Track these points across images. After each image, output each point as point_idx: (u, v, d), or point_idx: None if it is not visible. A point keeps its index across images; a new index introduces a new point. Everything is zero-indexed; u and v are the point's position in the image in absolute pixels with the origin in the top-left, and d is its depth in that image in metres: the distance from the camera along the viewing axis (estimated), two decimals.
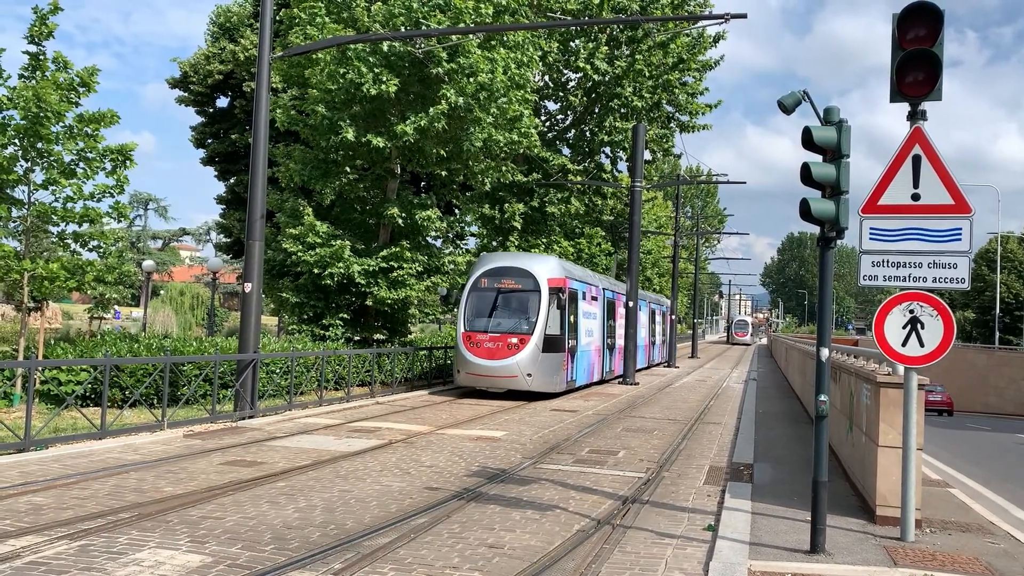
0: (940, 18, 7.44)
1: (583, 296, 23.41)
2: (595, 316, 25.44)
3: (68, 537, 7.05)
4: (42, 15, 16.24)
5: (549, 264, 21.55)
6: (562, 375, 21.32)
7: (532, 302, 20.47)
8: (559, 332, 20.85)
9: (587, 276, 25.54)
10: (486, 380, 20.34)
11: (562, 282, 21.13)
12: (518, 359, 19.91)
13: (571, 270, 23.04)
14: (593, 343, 25.16)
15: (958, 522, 8.83)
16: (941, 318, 7.72)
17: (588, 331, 24.27)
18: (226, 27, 38.74)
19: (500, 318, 20.61)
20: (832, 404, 12.88)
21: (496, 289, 20.90)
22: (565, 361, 21.37)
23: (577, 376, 23.04)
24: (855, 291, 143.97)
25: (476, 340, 20.18)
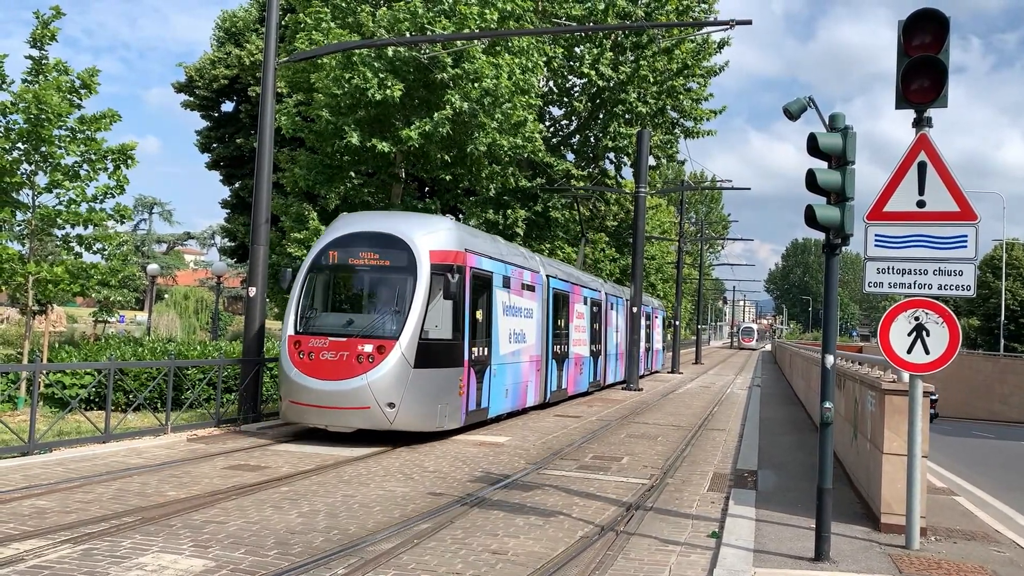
0: (946, 25, 7.44)
1: (505, 283, 16.41)
2: (530, 313, 18.24)
3: (71, 541, 7.05)
4: (44, 20, 16.32)
5: (435, 229, 14.10)
6: (457, 401, 14.08)
7: (403, 287, 13.40)
8: (451, 335, 13.81)
9: (515, 255, 18.10)
10: (321, 414, 12.85)
11: (457, 257, 14.01)
12: (371, 379, 12.54)
13: (478, 242, 15.64)
14: (527, 352, 18.07)
15: (963, 530, 8.79)
16: (946, 325, 7.70)
17: (516, 334, 17.17)
18: (232, 32, 38.87)
19: (351, 313, 13.83)
20: (836, 411, 12.85)
21: (349, 268, 13.95)
22: (465, 380, 14.28)
23: (494, 400, 15.98)
24: (859, 298, 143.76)
25: (309, 348, 12.99)
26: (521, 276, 17.87)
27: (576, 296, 22.96)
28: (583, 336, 23.62)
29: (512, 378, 17.13)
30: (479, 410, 15.30)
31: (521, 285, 17.74)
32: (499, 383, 16.31)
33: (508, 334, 16.77)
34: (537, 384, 19.12)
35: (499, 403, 16.43)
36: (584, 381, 23.81)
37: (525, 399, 18.26)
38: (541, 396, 19.60)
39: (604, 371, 26.86)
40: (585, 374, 23.87)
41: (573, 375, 22.48)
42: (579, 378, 23.25)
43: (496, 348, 15.99)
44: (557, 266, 22.46)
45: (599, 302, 26.08)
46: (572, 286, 22.62)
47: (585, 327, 23.88)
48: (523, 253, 19.57)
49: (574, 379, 22.65)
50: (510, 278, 16.96)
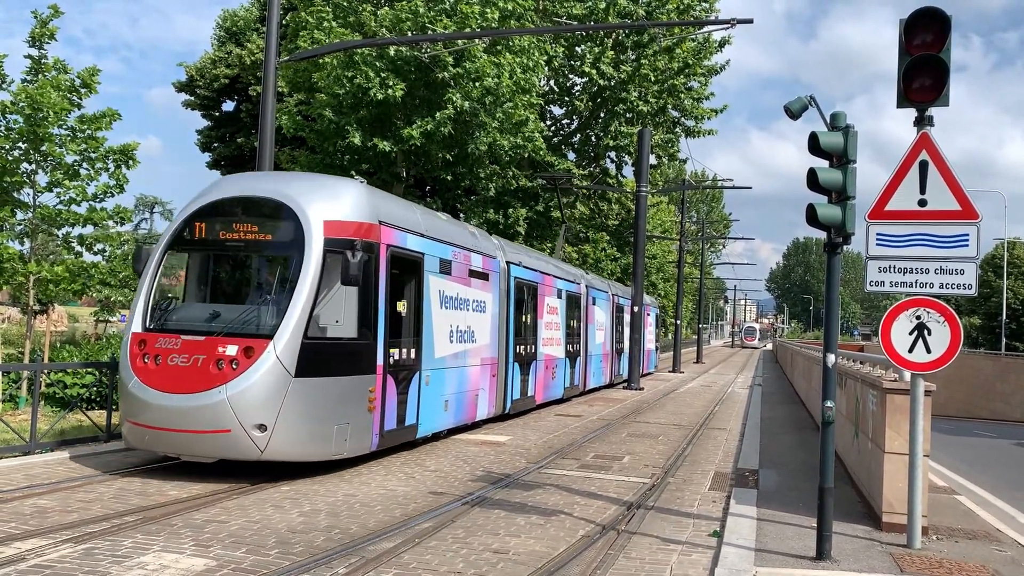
0: (947, 24, 7.43)
1: (443, 268, 13.34)
2: (481, 306, 15.21)
3: (72, 540, 7.05)
4: (43, 19, 16.33)
5: (336, 194, 10.92)
6: (366, 420, 10.84)
7: (286, 269, 10.45)
8: (356, 332, 10.72)
9: (459, 234, 14.70)
10: (167, 439, 9.80)
11: (367, 231, 10.82)
12: (232, 392, 9.50)
13: (401, 214, 12.26)
14: (477, 354, 14.98)
15: (965, 529, 8.78)
16: (948, 324, 7.69)
17: (460, 332, 14.13)
18: (232, 31, 38.86)
19: (217, 304, 10.73)
20: (838, 410, 12.84)
21: (217, 244, 10.76)
22: (378, 391, 11.11)
23: (426, 415, 12.76)
24: (861, 297, 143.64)
25: (156, 351, 9.92)
26: (468, 260, 14.48)
27: (547, 288, 19.83)
28: (556, 335, 20.65)
29: (454, 386, 13.89)
30: (402, 429, 11.99)
31: (468, 272, 14.47)
32: (434, 393, 12.99)
33: (448, 331, 13.57)
34: (492, 392, 15.93)
35: (434, 418, 13.13)
36: (557, 386, 20.86)
37: (475, 411, 15.02)
38: (498, 406, 16.35)
39: (584, 374, 24.06)
40: (559, 378, 21.00)
41: (543, 380, 19.39)
42: (551, 383, 20.20)
43: (429, 349, 12.77)
44: (523, 252, 19.24)
45: (577, 296, 23.17)
46: (542, 276, 19.50)
47: (559, 324, 20.93)
48: (473, 232, 15.83)
49: (544, 384, 19.56)
50: (451, 262, 13.67)
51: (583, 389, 24.09)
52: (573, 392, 22.73)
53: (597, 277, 29.05)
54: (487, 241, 16.60)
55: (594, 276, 28.56)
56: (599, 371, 26.43)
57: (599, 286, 26.90)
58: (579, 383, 23.51)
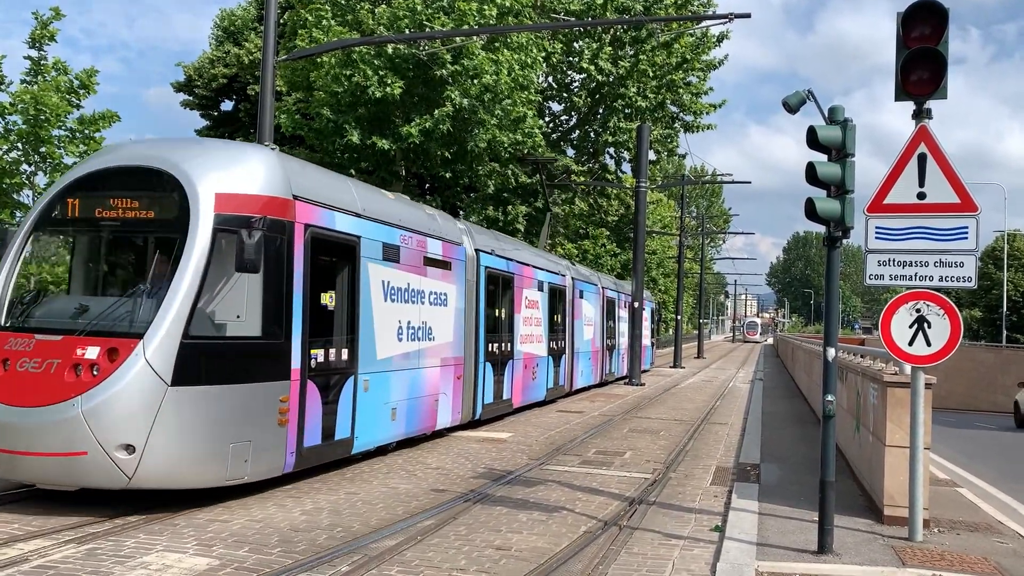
0: (945, 16, 7.43)
1: (388, 254, 11.56)
2: (441, 299, 13.43)
3: (75, 541, 7.07)
4: (43, 20, 16.33)
5: (234, 162, 9.26)
6: (275, 436, 9.12)
7: (166, 252, 8.73)
8: (261, 330, 9.01)
9: (410, 215, 12.83)
10: (18, 464, 8.05)
11: (276, 208, 9.14)
12: (87, 406, 7.82)
13: (326, 188, 10.52)
14: (436, 354, 13.23)
15: (967, 522, 8.80)
16: (948, 317, 7.70)
17: (414, 328, 12.36)
18: (230, 31, 38.82)
19: (84, 296, 9.29)
20: (839, 404, 12.85)
21: (90, 223, 9.18)
22: (293, 401, 9.37)
23: (364, 427, 10.91)
24: (861, 290, 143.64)
25: (6, 353, 8.30)
26: (423, 246, 12.64)
27: (525, 280, 18.05)
28: (537, 331, 18.92)
29: (404, 391, 12.04)
30: (330, 444, 10.15)
31: (424, 259, 12.66)
32: (376, 401, 11.15)
33: (397, 328, 11.79)
34: (456, 397, 14.02)
35: (377, 430, 11.29)
36: (539, 387, 19.16)
37: (434, 419, 13.19)
38: (466, 412, 14.59)
39: (570, 374, 22.32)
40: (541, 379, 19.34)
41: (521, 381, 17.67)
42: (531, 384, 18.51)
43: (368, 349, 10.95)
44: (497, 240, 17.36)
45: (561, 289, 21.47)
46: (520, 267, 17.67)
47: (541, 319, 19.20)
48: (432, 215, 13.94)
49: (523, 386, 17.81)
50: (400, 248, 11.87)
51: (570, 389, 22.38)
52: (558, 393, 21.00)
53: (585, 269, 27.30)
54: (450, 225, 14.51)
55: (582, 268, 26.90)
56: (588, 369, 24.70)
57: (587, 278, 25.28)
58: (564, 383, 21.76)
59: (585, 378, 24.24)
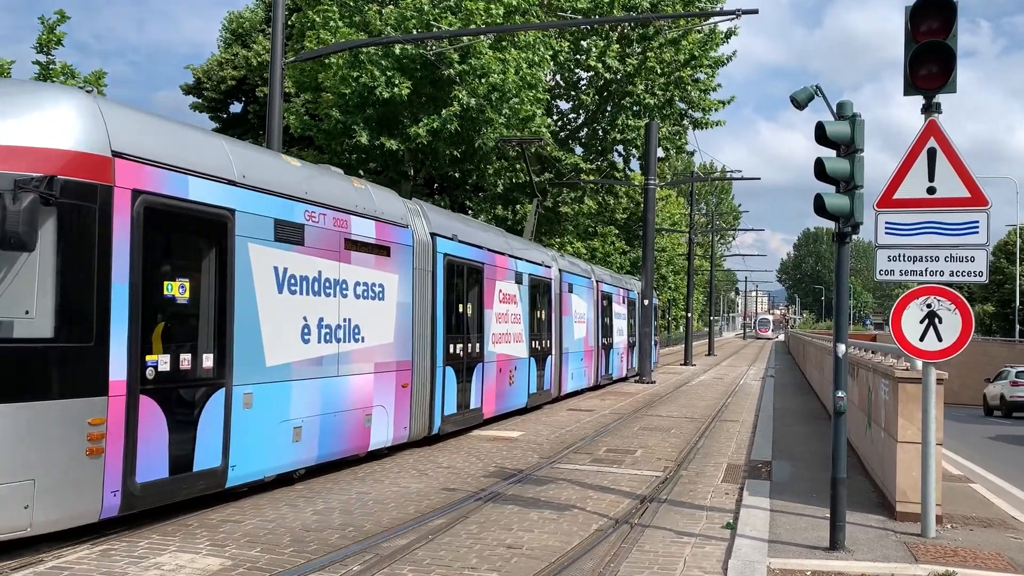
0: (953, 10, 7.40)
1: (286, 234, 9.45)
2: (376, 291, 11.26)
3: (89, 542, 7.11)
4: (50, 24, 16.43)
5: (21, 106, 7.06)
6: (81, 471, 6.89)
7: None
8: (54, 331, 6.84)
9: (317, 185, 10.38)
10: None
11: (73, 164, 6.97)
12: None
13: (173, 142, 8.13)
14: (368, 357, 11.01)
15: (980, 517, 8.76)
16: (959, 312, 7.66)
17: (326, 327, 10.11)
18: (239, 33, 38.95)
19: None
20: (850, 400, 12.82)
21: None
22: (115, 425, 7.13)
23: (243, 452, 8.66)
24: (873, 286, 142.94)
25: None
26: (345, 226, 10.34)
27: (499, 271, 15.90)
28: (514, 330, 16.76)
29: (314, 405, 9.76)
30: (184, 478, 7.94)
31: (345, 243, 10.37)
32: (265, 419, 8.90)
33: (300, 327, 9.53)
34: (401, 409, 11.72)
35: (267, 455, 9.03)
36: (517, 393, 16.95)
37: (366, 437, 10.89)
38: (417, 426, 12.26)
39: (558, 376, 20.14)
40: (521, 383, 17.08)
41: (494, 387, 15.53)
42: (507, 391, 16.31)
43: (253, 354, 8.78)
44: (462, 224, 15.06)
45: (546, 282, 19.35)
46: (491, 255, 15.51)
47: (520, 316, 17.05)
48: (363, 188, 11.46)
49: (496, 392, 15.65)
50: (304, 227, 9.55)
51: (558, 394, 20.26)
52: (543, 399, 18.87)
53: (576, 260, 24.63)
54: (390, 203, 11.92)
55: (572, 259, 24.17)
56: (580, 371, 22.47)
57: (578, 271, 22.93)
58: (551, 387, 19.53)
59: (577, 381, 22.10)
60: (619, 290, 28.01)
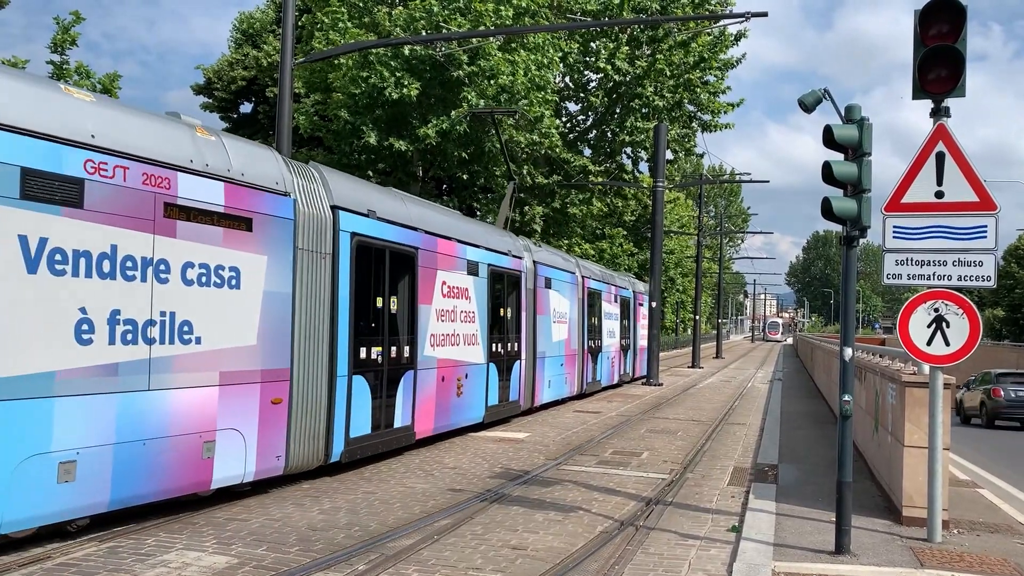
0: (963, 14, 7.38)
1: (34, 188, 6.71)
2: (228, 279, 8.69)
3: (97, 539, 7.16)
4: (65, 25, 16.53)
5: None
6: None
7: None
8: None
9: (107, 125, 7.50)
10: None
11: None
12: None
13: None
14: (195, 363, 8.25)
15: (987, 523, 8.72)
16: (967, 316, 7.64)
17: (122, 324, 7.46)
18: (249, 33, 39.11)
19: None
20: (858, 404, 12.79)
21: None
22: None
23: None
24: (881, 290, 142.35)
25: None
26: (168, 187, 7.88)
27: (442, 259, 13.17)
28: (467, 331, 14.15)
29: (102, 432, 7.26)
30: None
31: (164, 209, 7.86)
32: None
33: (74, 324, 7.07)
34: (270, 434, 9.15)
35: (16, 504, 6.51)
36: (470, 406, 14.31)
37: (205, 472, 8.36)
38: (302, 454, 9.69)
39: (531, 384, 17.51)
40: (474, 394, 14.45)
41: (432, 400, 12.81)
42: (453, 404, 13.59)
43: None
44: (386, 197, 12.16)
45: (514, 276, 16.56)
46: (431, 239, 12.81)
47: (475, 315, 14.42)
48: (215, 142, 8.88)
49: (436, 406, 12.92)
50: (84, 183, 7.13)
51: (530, 405, 17.66)
52: (508, 411, 16.21)
53: (557, 252, 21.96)
54: (259, 161, 9.36)
55: (553, 251, 21.62)
56: (560, 378, 19.81)
57: (558, 264, 20.12)
58: (520, 397, 16.80)
59: (556, 389, 19.52)
60: (610, 287, 25.31)
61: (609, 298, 25.17)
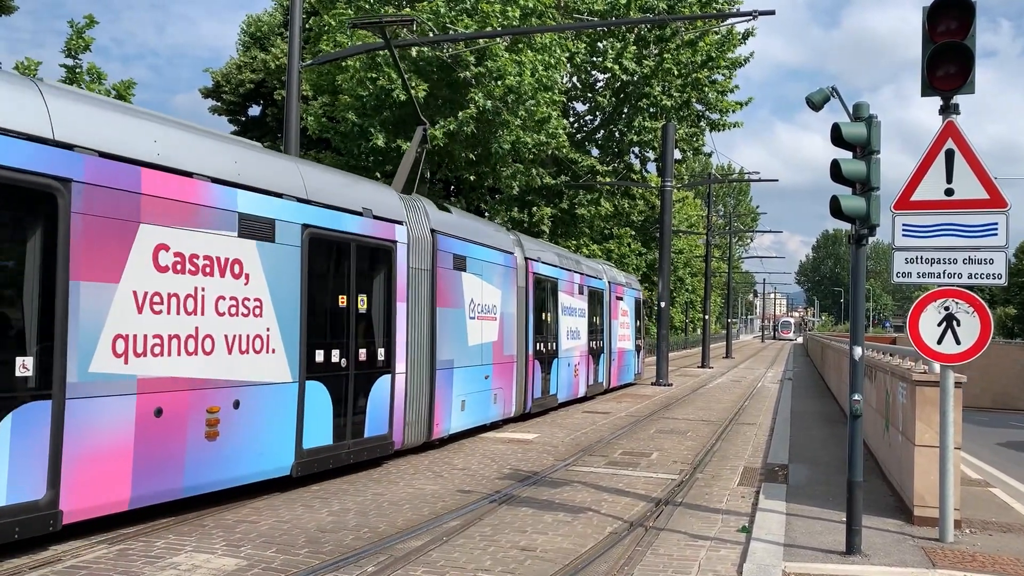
0: (971, 10, 7.33)
1: None
2: None
3: (107, 542, 7.18)
4: (78, 28, 16.60)
5: None
6: None
7: None
8: None
9: None
10: None
11: None
12: None
13: None
14: None
15: (999, 522, 8.66)
16: (977, 315, 7.59)
17: None
18: (257, 36, 39.25)
19: None
20: (868, 403, 12.73)
21: None
22: None
23: None
24: (892, 288, 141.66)
25: None
26: None
27: (180, 210, 8.14)
28: (240, 329, 8.82)
29: None
30: None
31: None
32: None
33: None
34: None
35: None
36: (254, 456, 8.95)
37: None
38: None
39: (429, 407, 12.42)
40: (265, 439, 9.08)
41: (128, 455, 7.50)
42: (164, 465, 7.89)
43: None
44: None
45: (371, 249, 11.21)
46: (164, 182, 8.01)
47: (259, 306, 9.05)
48: None
49: (130, 467, 7.49)
50: None
51: (426, 439, 12.45)
52: (368, 452, 10.88)
53: (479, 220, 16.58)
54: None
55: (476, 219, 16.35)
56: (482, 396, 14.48)
57: (479, 237, 14.71)
58: (389, 427, 11.30)
59: (477, 411, 14.30)
60: (572, 274, 20.06)
61: (570, 288, 19.88)
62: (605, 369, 23.53)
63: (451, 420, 13.31)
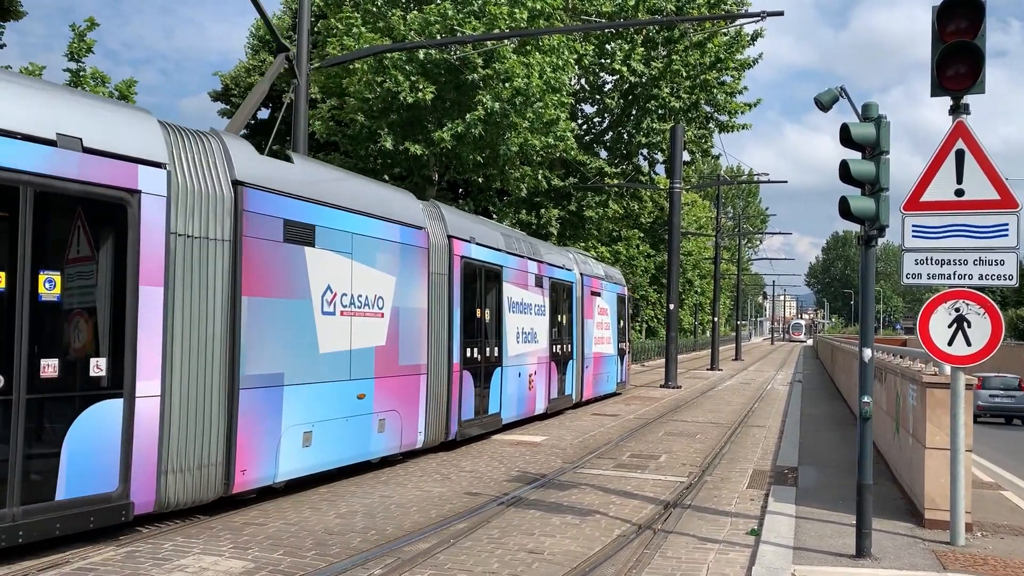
0: (981, 10, 7.28)
1: None
2: None
3: (115, 544, 7.19)
4: (80, 32, 16.67)
5: None
6: None
7: None
8: None
9: None
10: None
11: None
12: None
13: None
14: None
15: (1011, 525, 8.59)
16: (988, 316, 7.53)
17: None
18: (265, 40, 39.34)
19: None
20: (878, 405, 12.66)
21: None
22: None
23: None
24: (902, 290, 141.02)
25: None
26: None
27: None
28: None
29: None
30: None
31: None
32: None
33: None
34: None
35: None
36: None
37: None
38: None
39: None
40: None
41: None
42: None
43: None
44: None
45: (113, 207, 7.19)
46: None
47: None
48: None
49: None
50: None
51: (224, 492, 8.32)
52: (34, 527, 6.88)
53: (384, 186, 13.09)
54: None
55: (369, 181, 12.47)
56: (359, 422, 10.44)
57: (373, 207, 10.98)
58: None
59: (343, 445, 10.15)
60: (527, 263, 16.39)
61: (522, 279, 16.08)
62: (575, 379, 19.50)
63: (278, 462, 9.01)
